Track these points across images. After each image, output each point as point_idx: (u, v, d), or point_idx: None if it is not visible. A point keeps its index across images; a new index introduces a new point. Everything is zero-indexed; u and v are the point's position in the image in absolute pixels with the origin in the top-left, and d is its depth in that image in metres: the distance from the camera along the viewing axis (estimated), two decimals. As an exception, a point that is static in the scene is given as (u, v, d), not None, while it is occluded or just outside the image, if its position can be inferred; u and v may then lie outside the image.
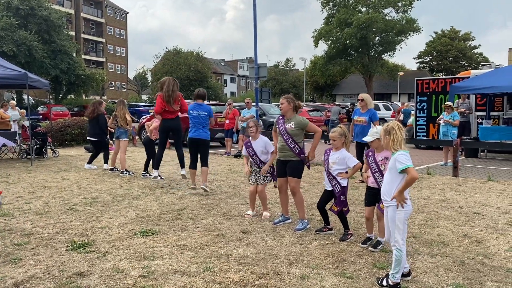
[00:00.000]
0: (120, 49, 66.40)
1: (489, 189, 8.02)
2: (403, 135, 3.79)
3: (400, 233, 3.76)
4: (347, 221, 5.17)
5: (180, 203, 6.94)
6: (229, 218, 6.03)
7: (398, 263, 3.72)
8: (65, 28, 36.43)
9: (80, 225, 5.66)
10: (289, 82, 59.77)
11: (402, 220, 3.77)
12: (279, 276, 4.02)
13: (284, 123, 5.55)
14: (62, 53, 33.34)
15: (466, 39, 61.81)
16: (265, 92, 16.64)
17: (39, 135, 12.46)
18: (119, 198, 7.26)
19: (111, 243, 4.95)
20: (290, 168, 5.51)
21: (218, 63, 78.79)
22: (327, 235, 5.23)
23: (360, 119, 8.26)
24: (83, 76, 35.63)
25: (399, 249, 3.73)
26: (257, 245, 4.90)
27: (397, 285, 3.71)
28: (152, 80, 53.34)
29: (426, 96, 14.83)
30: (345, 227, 5.16)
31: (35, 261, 4.38)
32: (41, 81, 12.87)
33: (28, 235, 5.22)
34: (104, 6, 62.78)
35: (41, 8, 32.55)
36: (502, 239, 5.12)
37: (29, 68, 28.18)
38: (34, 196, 7.43)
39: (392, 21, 47.95)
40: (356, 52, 49.73)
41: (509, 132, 11.95)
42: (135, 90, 68.29)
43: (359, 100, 8.42)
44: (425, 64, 64.58)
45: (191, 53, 46.63)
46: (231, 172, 9.97)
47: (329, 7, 50.68)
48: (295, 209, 5.82)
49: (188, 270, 4.17)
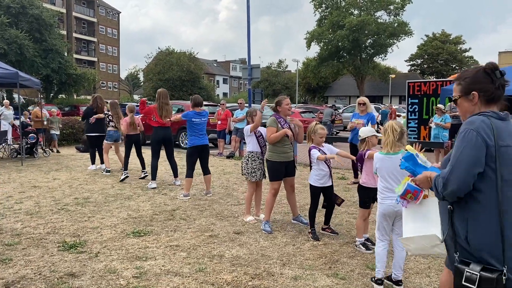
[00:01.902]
0: (112, 48, 66.05)
1: (480, 191, 8.09)
2: (395, 137, 3.80)
3: (377, 227, 3.94)
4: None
5: (172, 203, 6.91)
6: (222, 219, 6.02)
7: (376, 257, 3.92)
8: (56, 27, 36.14)
9: (71, 225, 5.62)
10: (281, 84, 59.82)
11: (378, 215, 3.93)
12: (272, 277, 4.02)
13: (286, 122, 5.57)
14: (54, 52, 33.06)
15: (457, 43, 62.33)
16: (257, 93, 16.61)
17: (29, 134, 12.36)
18: (111, 199, 7.22)
19: (103, 244, 4.92)
20: (291, 167, 5.66)
21: (211, 63, 78.66)
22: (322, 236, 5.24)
23: (359, 122, 8.33)
24: (74, 76, 35.35)
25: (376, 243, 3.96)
26: (250, 246, 4.91)
27: (377, 280, 3.84)
28: (144, 80, 53.09)
29: (418, 98, 14.93)
30: (326, 222, 5.41)
31: (26, 262, 4.34)
32: (32, 80, 12.77)
33: (19, 235, 5.17)
34: (96, 6, 62.41)
35: (32, 7, 32.27)
36: (492, 240, 5.17)
37: (20, 67, 27.93)
38: (24, 196, 7.36)
39: (384, 23, 48.23)
40: (348, 54, 49.97)
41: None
42: (126, 90, 67.95)
43: (360, 104, 8.43)
44: (417, 66, 65.03)
45: (184, 54, 46.46)
46: (224, 173, 9.96)
47: (321, 9, 50.86)
48: (288, 210, 5.84)
49: (181, 270, 4.16)
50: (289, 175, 5.67)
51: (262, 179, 5.94)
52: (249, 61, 14.54)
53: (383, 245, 3.89)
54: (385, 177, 3.84)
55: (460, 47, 62.46)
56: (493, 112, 2.21)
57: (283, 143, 5.47)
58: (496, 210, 2.11)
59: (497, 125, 2.16)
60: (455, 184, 2.14)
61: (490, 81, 2.24)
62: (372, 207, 4.86)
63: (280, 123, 5.49)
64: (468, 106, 2.30)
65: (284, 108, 5.56)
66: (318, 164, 5.14)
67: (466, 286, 2.09)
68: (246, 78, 14.58)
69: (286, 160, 5.52)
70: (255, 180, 5.85)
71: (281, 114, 5.59)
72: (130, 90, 68.31)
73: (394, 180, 3.78)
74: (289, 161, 5.57)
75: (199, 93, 40.96)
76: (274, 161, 5.50)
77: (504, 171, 2.13)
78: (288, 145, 5.55)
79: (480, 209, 2.15)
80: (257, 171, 5.82)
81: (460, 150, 2.16)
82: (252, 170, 5.81)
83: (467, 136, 2.15)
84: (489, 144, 2.12)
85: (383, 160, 3.84)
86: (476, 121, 2.18)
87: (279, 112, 5.59)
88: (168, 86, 39.04)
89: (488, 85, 2.24)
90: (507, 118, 2.22)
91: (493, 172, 2.13)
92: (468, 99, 2.29)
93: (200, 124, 7.36)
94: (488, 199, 2.14)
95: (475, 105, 2.27)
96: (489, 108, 2.24)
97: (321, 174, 5.16)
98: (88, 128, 10.37)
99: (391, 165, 3.78)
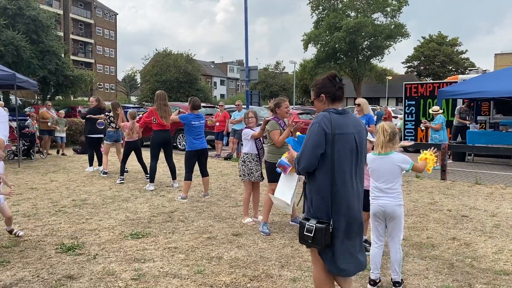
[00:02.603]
0: (109, 50, 65.95)
1: (477, 192, 8.13)
2: (385, 138, 3.80)
3: (371, 229, 3.99)
4: None
5: (170, 205, 6.91)
6: (220, 221, 6.02)
7: (370, 258, 3.95)
8: (53, 28, 35.97)
9: (69, 227, 5.61)
10: (278, 85, 59.83)
11: (370, 216, 3.98)
12: (270, 279, 4.03)
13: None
14: (50, 54, 32.92)
15: (453, 44, 62.54)
16: (255, 94, 16.64)
17: (26, 136, 12.32)
18: (109, 200, 7.20)
19: (101, 246, 4.91)
20: None
21: (208, 65, 78.64)
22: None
23: None
24: (71, 77, 35.20)
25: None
26: (248, 247, 4.91)
27: (370, 281, 3.90)
28: (141, 82, 53.02)
29: (415, 100, 15.00)
30: None
31: (24, 264, 4.33)
32: (29, 81, 12.74)
33: (16, 238, 5.15)
34: (93, 7, 62.33)
35: (29, 8, 32.15)
36: (490, 241, 5.20)
37: (17, 68, 27.80)
38: (22, 198, 7.34)
39: (380, 25, 48.34)
40: (345, 56, 50.06)
41: (495, 136, 12.13)
42: (124, 92, 67.80)
43: (356, 105, 8.49)
44: (413, 68, 65.21)
45: (181, 55, 46.41)
46: (222, 175, 9.96)
47: (318, 11, 50.95)
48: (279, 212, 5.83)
49: (179, 272, 4.16)
50: None
51: (260, 180, 5.95)
52: (246, 63, 14.55)
53: (377, 247, 3.91)
54: (376, 177, 3.85)
55: (456, 49, 62.69)
56: (334, 109, 2.91)
57: (283, 144, 5.49)
58: (330, 182, 2.81)
59: (335, 118, 2.85)
60: (304, 162, 2.87)
61: (332, 85, 2.94)
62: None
63: (281, 125, 5.51)
64: (320, 105, 3.01)
65: (282, 111, 5.57)
66: None
67: (306, 235, 2.83)
68: (244, 79, 14.59)
69: None
70: (254, 180, 5.84)
71: (279, 116, 5.60)
72: (127, 91, 68.17)
73: (385, 180, 3.79)
74: None
75: (196, 94, 40.91)
76: (272, 163, 5.50)
77: (338, 151, 2.82)
78: (287, 147, 5.55)
79: (321, 181, 2.84)
80: (254, 172, 5.82)
81: (307, 137, 2.88)
82: (249, 171, 5.81)
83: (312, 127, 2.89)
84: (327, 132, 2.81)
85: (374, 160, 3.85)
86: (320, 116, 2.89)
87: (277, 114, 5.60)
88: (165, 87, 38.93)
89: (331, 88, 2.94)
90: (345, 113, 2.92)
91: (331, 152, 2.81)
92: (319, 100, 3.00)
93: (199, 127, 7.36)
94: (327, 173, 2.82)
95: (324, 104, 2.97)
96: (333, 106, 2.96)
97: None
98: (88, 129, 10.35)
99: (382, 166, 3.80)
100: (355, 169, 2.89)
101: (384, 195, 3.78)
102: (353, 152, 2.87)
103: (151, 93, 39.78)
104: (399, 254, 3.81)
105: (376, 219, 3.88)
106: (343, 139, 2.83)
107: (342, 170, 2.82)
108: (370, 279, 3.89)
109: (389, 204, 3.76)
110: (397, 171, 3.77)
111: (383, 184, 3.79)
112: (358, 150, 2.90)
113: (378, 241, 3.91)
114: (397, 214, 3.77)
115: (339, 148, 2.81)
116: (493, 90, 11.11)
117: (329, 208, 2.82)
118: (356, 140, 2.88)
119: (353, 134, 2.87)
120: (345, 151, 2.83)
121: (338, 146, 2.81)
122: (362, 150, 2.93)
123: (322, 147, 2.80)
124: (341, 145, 2.82)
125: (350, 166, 2.86)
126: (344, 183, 2.83)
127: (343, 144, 2.82)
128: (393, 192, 3.77)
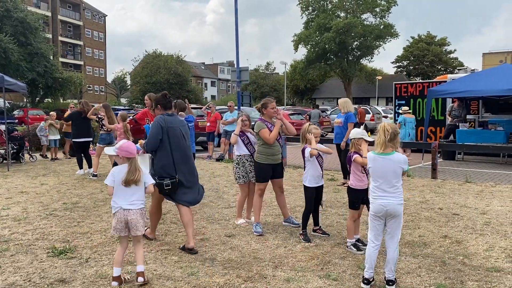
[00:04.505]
0: (98, 52, 65.53)
1: (467, 190, 8.21)
2: (386, 137, 3.83)
3: (370, 228, 3.99)
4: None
5: (162, 207, 6.85)
6: (213, 222, 6.01)
7: (366, 256, 3.98)
8: (42, 30, 35.68)
9: (60, 231, 5.56)
10: (269, 86, 59.89)
11: (369, 215, 3.99)
12: (264, 279, 4.03)
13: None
14: (39, 56, 32.62)
15: (442, 44, 63.06)
16: (246, 95, 16.68)
17: (16, 139, 12.19)
18: (100, 203, 7.15)
19: (93, 249, 4.88)
20: (279, 169, 5.71)
21: (198, 66, 78.48)
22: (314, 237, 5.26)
23: (337, 121, 8.88)
24: (60, 79, 34.90)
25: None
26: (241, 248, 4.90)
27: (363, 280, 3.91)
28: (131, 84, 52.72)
29: (405, 99, 15.11)
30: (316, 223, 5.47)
31: (15, 268, 4.28)
32: (18, 84, 12.62)
33: (7, 242, 5.09)
34: (82, 9, 61.89)
35: (17, 10, 31.83)
36: (480, 239, 5.25)
37: (5, 71, 27.49)
38: (12, 201, 7.25)
39: (370, 26, 48.66)
40: (335, 56, 50.31)
41: (484, 135, 12.27)
42: (113, 94, 67.41)
43: None
44: (403, 68, 65.64)
45: (171, 57, 46.28)
46: (214, 176, 9.94)
47: (308, 11, 51.15)
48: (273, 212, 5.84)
49: (172, 274, 4.14)
50: (278, 176, 5.69)
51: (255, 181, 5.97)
52: (237, 64, 14.56)
53: (374, 246, 3.92)
54: (377, 177, 3.87)
55: (445, 48, 63.23)
56: (166, 113, 4.87)
57: (273, 144, 5.50)
58: (170, 154, 4.73)
59: (167, 118, 4.80)
60: (149, 145, 4.76)
61: (164, 99, 4.94)
62: (362, 209, 4.92)
63: (267, 126, 5.52)
64: (158, 112, 4.93)
65: (269, 111, 5.57)
66: (313, 164, 5.17)
67: (165, 189, 4.71)
68: (235, 80, 14.59)
69: (273, 162, 5.55)
70: (251, 180, 5.84)
71: (265, 117, 5.61)
72: (117, 93, 67.77)
73: (388, 180, 3.81)
74: (276, 163, 5.60)
75: (187, 96, 40.84)
76: (261, 163, 5.53)
77: (171, 136, 4.74)
78: (277, 147, 5.57)
79: (162, 155, 4.74)
80: (249, 173, 5.81)
81: (152, 129, 4.80)
82: (245, 173, 5.81)
83: (154, 123, 4.83)
84: (162, 126, 4.72)
85: (375, 160, 3.86)
86: (159, 117, 4.81)
87: (264, 114, 5.61)
88: (155, 89, 38.75)
89: (164, 101, 4.93)
90: (173, 115, 4.93)
91: (167, 138, 4.72)
92: (158, 108, 4.94)
93: (191, 130, 7.32)
94: (165, 149, 4.72)
95: (160, 110, 4.91)
96: (165, 112, 4.90)
97: (315, 175, 5.19)
98: (74, 133, 10.27)
99: (384, 166, 3.81)
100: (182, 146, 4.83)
101: (386, 194, 3.81)
102: (180, 137, 4.81)
103: (141, 95, 39.59)
104: (396, 253, 3.85)
105: (376, 218, 3.89)
106: (172, 130, 4.76)
107: (176, 148, 4.76)
108: (364, 278, 3.90)
109: (392, 203, 3.79)
110: (399, 171, 3.81)
111: (385, 184, 3.81)
112: (183, 135, 4.86)
113: (376, 241, 3.91)
114: (398, 213, 3.81)
115: (171, 135, 4.73)
116: (482, 89, 11.24)
117: (174, 170, 4.71)
118: (182, 130, 4.86)
119: (178, 127, 4.83)
120: (175, 137, 4.77)
121: (170, 133, 4.73)
122: (184, 135, 4.89)
123: (160, 134, 4.70)
124: (172, 133, 4.75)
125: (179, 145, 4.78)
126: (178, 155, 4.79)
127: (173, 133, 4.76)
128: (396, 191, 3.81)
